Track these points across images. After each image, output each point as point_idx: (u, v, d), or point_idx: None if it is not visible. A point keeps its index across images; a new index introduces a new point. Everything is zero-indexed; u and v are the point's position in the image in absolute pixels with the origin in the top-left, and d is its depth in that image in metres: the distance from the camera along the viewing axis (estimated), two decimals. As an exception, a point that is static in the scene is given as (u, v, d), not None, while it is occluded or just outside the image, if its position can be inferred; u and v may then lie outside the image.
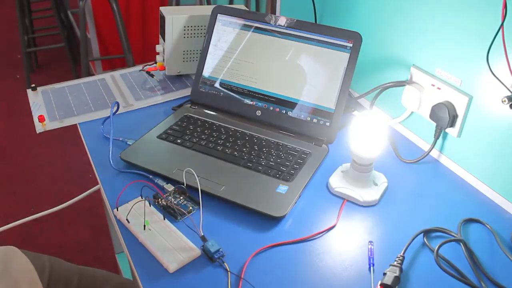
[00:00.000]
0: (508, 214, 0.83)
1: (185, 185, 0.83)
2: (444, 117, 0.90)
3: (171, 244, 0.74)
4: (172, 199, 0.82)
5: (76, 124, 1.05)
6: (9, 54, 3.12)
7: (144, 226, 0.77)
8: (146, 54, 2.73)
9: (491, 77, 0.78)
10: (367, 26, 1.06)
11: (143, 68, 1.21)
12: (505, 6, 0.73)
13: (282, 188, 0.84)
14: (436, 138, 0.93)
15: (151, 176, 0.88)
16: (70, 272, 0.94)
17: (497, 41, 0.76)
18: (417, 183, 0.90)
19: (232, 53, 1.04)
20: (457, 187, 0.90)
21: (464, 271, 0.71)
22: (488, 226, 0.80)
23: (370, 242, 0.76)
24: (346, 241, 0.77)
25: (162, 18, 1.12)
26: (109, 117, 1.00)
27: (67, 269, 0.95)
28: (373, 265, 0.72)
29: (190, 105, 1.08)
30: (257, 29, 1.02)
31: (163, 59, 1.17)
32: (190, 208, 0.81)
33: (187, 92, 1.15)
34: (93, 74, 2.63)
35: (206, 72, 1.07)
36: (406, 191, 0.88)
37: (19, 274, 0.83)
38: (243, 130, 1.00)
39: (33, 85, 1.15)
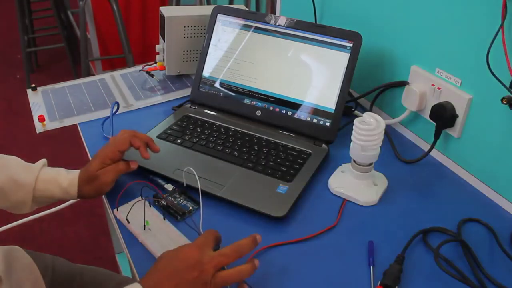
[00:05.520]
0: (508, 214, 0.83)
1: (185, 185, 0.83)
2: (444, 117, 0.90)
3: (171, 244, 0.74)
4: (172, 199, 0.82)
5: (76, 124, 1.05)
6: (9, 54, 3.12)
7: (144, 226, 0.77)
8: (146, 54, 2.73)
9: (491, 77, 0.78)
10: (367, 26, 1.06)
11: (143, 68, 1.21)
12: (505, 6, 0.73)
13: (282, 188, 0.84)
14: (436, 138, 0.93)
15: (151, 176, 0.88)
16: (72, 272, 0.94)
17: (497, 41, 0.76)
18: (417, 183, 0.90)
19: (232, 53, 1.04)
20: (457, 187, 0.90)
21: (464, 271, 0.71)
22: (488, 226, 0.80)
23: (370, 242, 0.76)
24: (346, 241, 0.77)
25: (162, 18, 1.12)
26: (109, 117, 1.00)
27: (70, 269, 0.95)
28: (373, 265, 0.72)
29: (190, 105, 1.08)
30: (257, 29, 1.02)
31: (163, 59, 1.17)
32: (190, 208, 0.81)
33: (187, 92, 1.15)
34: (93, 74, 2.63)
35: (206, 72, 1.07)
36: (406, 191, 0.88)
37: (23, 273, 0.83)
38: (243, 130, 1.00)
39: (33, 85, 1.15)
